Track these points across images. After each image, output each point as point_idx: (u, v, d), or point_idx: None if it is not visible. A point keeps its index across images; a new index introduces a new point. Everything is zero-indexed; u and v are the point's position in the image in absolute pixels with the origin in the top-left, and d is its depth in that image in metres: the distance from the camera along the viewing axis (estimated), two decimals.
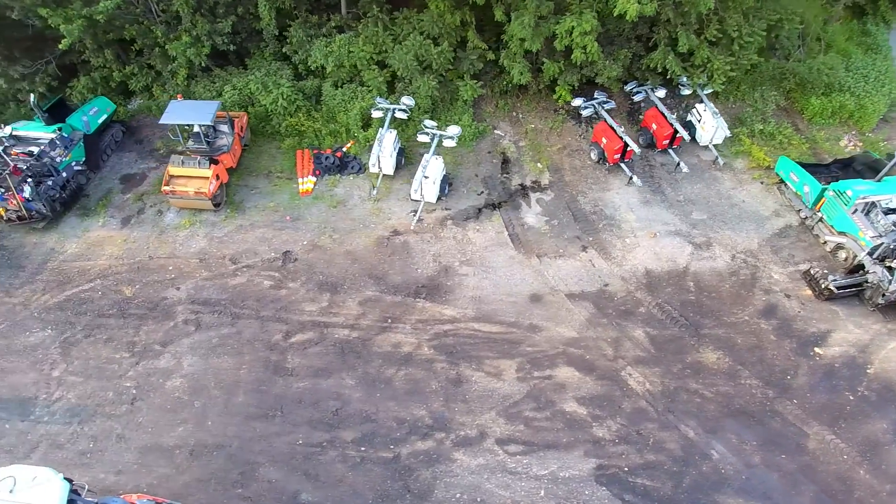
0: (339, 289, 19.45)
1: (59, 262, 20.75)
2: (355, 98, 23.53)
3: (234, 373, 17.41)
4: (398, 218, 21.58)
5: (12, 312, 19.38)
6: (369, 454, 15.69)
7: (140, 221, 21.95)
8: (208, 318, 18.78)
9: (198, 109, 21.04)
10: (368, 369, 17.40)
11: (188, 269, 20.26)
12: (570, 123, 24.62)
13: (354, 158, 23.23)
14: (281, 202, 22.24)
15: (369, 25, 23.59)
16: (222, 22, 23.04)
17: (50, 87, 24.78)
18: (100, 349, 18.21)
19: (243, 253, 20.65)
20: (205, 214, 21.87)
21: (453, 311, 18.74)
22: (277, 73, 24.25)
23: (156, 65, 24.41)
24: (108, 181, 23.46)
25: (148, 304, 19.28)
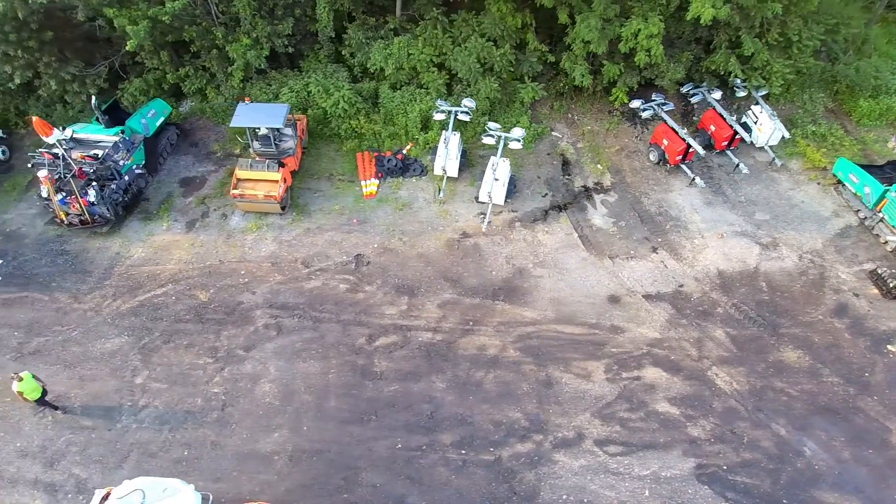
0: (416, 292, 19.42)
1: (126, 267, 20.50)
2: (414, 100, 23.51)
3: (323, 377, 17.32)
4: (465, 220, 21.60)
5: (84, 318, 19.12)
6: (470, 457, 15.71)
7: (205, 225, 21.74)
8: (289, 323, 18.66)
9: (268, 112, 20.89)
10: (457, 372, 17.41)
11: (261, 273, 20.11)
12: (626, 125, 24.80)
13: (415, 161, 23.21)
14: (346, 205, 22.16)
15: (428, 28, 23.58)
16: (282, 24, 22.88)
17: (101, 89, 24.44)
18: (181, 355, 18.02)
19: (315, 256, 20.54)
20: (271, 218, 21.72)
21: (534, 314, 18.80)
22: (334, 76, 24.14)
23: (211, 67, 24.16)
24: (167, 185, 23.21)
25: (225, 308, 19.11)
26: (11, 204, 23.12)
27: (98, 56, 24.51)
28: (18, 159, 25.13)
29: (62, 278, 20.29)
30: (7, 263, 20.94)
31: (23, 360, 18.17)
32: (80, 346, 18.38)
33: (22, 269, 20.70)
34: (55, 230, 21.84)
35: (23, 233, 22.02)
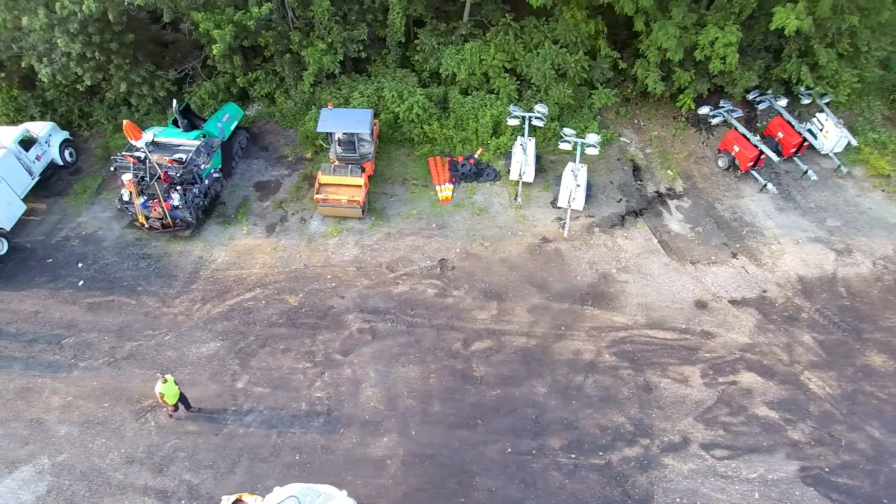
0: (504, 297, 19.62)
1: (211, 271, 20.55)
2: (485, 105, 23.67)
3: (424, 381, 17.48)
4: (543, 225, 21.82)
5: (175, 323, 19.17)
6: (581, 461, 15.93)
7: (285, 229, 21.82)
8: (382, 327, 18.79)
9: (353, 117, 21.01)
10: (556, 377, 17.62)
11: (347, 277, 20.23)
12: (691, 130, 25.11)
13: (488, 166, 23.39)
14: (423, 209, 22.31)
15: (500, 34, 23.76)
16: (357, 29, 22.99)
17: (169, 92, 24.47)
18: (279, 359, 18.12)
19: (399, 261, 20.68)
20: (351, 222, 21.84)
21: (624, 318, 19.05)
22: (404, 80, 24.28)
23: (282, 71, 24.22)
24: (242, 188, 23.26)
25: (316, 313, 19.22)
26: (84, 207, 23.09)
27: (167, 59, 24.52)
28: (84, 161, 25.13)
29: (147, 282, 20.31)
30: (88, 267, 20.94)
31: (117, 364, 18.22)
32: (174, 351, 18.42)
33: (105, 273, 20.70)
34: (134, 233, 21.85)
35: (100, 236, 22.01)
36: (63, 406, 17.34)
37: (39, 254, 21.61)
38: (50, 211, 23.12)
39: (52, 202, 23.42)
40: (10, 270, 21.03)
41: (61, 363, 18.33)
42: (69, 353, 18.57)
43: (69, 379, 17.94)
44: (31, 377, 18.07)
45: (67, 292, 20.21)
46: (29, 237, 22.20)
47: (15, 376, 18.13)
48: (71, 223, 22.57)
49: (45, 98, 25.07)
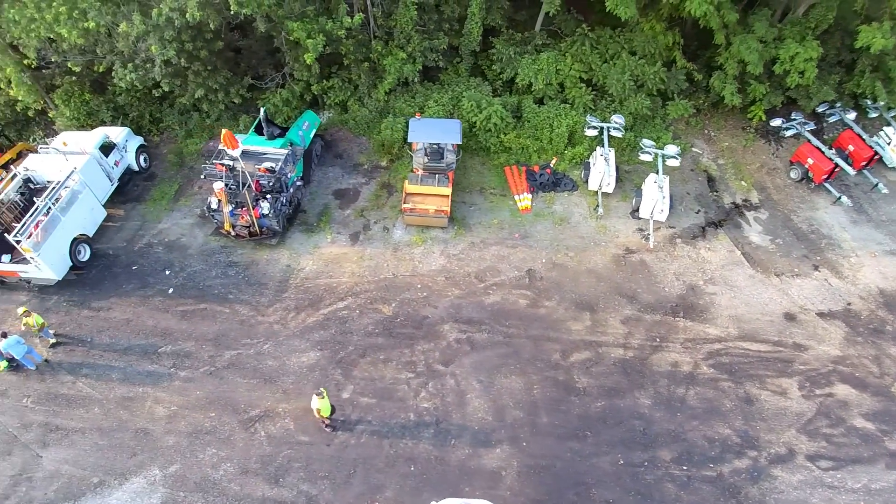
0: (595, 308, 19.83)
1: (301, 280, 20.64)
2: (560, 115, 23.84)
3: (528, 393, 17.67)
4: (625, 236, 22.04)
5: (272, 332, 19.26)
6: (693, 473, 16.17)
7: (369, 238, 21.93)
8: (479, 338, 18.96)
9: (442, 128, 21.13)
10: (658, 388, 17.86)
11: (436, 287, 20.37)
12: (760, 142, 25.40)
13: (565, 175, 23.58)
14: (503, 219, 22.48)
15: (576, 44, 23.93)
16: (438, 39, 23.09)
17: (243, 98, 24.50)
18: (381, 369, 18.25)
19: (486, 271, 20.84)
20: (434, 231, 21.97)
21: (717, 331, 19.30)
22: (478, 89, 24.41)
23: (357, 79, 24.28)
24: (322, 196, 23.35)
25: (411, 322, 19.35)
26: (164, 213, 23.10)
27: (241, 65, 24.53)
28: (157, 167, 25.13)
29: (238, 290, 20.37)
30: (175, 275, 20.97)
31: (218, 374, 18.29)
32: (275, 360, 18.51)
33: (193, 281, 20.74)
34: (218, 241, 21.90)
35: (184, 243, 22.03)
36: (168, 416, 17.40)
37: (123, 260, 21.61)
38: (128, 217, 23.11)
39: (130, 208, 23.41)
40: (96, 277, 21.04)
41: (161, 372, 18.37)
42: (167, 361, 18.62)
43: (171, 388, 17.99)
44: (131, 386, 18.12)
45: (158, 300, 20.23)
46: (110, 243, 22.19)
47: (114, 385, 18.17)
48: (152, 230, 22.57)
49: (116, 103, 25.01)
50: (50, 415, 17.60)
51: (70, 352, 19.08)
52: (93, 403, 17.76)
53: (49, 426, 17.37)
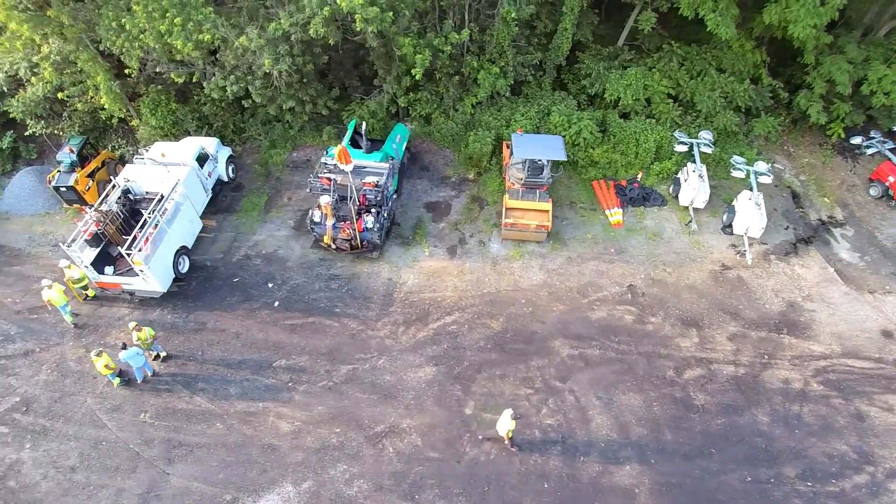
0: (701, 324, 20.09)
1: (405, 294, 20.74)
2: (647, 130, 24.09)
3: (648, 409, 17.89)
4: (719, 251, 22.33)
5: (384, 346, 19.35)
6: (818, 489, 16.47)
7: (466, 252, 22.08)
8: (591, 354, 19.17)
9: (546, 144, 21.28)
10: (773, 405, 18.15)
11: (540, 302, 20.55)
12: (838, 159, 25.81)
13: (653, 190, 23.83)
14: (597, 234, 22.70)
15: (663, 60, 24.20)
16: (530, 54, 23.27)
17: (330, 110, 24.56)
18: (499, 385, 18.41)
19: (587, 286, 21.05)
20: (531, 246, 22.15)
21: (821, 348, 19.63)
22: (562, 103, 24.61)
23: (444, 92, 24.40)
24: (413, 209, 23.45)
25: (521, 338, 19.53)
26: (257, 225, 23.12)
27: (329, 77, 24.58)
28: (243, 177, 25.13)
29: (344, 304, 20.44)
30: (279, 287, 21.00)
31: (337, 389, 18.37)
32: (392, 375, 18.61)
33: (298, 294, 20.79)
34: (316, 253, 21.96)
35: (282, 255, 22.07)
36: (293, 431, 17.45)
37: (222, 272, 21.60)
38: (221, 228, 23.09)
39: (222, 219, 23.39)
40: (197, 290, 21.03)
41: (279, 387, 18.41)
42: (284, 376, 18.66)
43: (292, 403, 18.03)
44: (251, 401, 18.14)
45: (265, 313, 20.26)
46: (206, 255, 22.18)
47: (233, 400, 18.18)
48: (247, 241, 22.58)
49: (201, 112, 24.96)
50: (171, 430, 17.58)
51: (182, 365, 19.06)
52: (214, 418, 17.76)
53: (172, 442, 17.35)
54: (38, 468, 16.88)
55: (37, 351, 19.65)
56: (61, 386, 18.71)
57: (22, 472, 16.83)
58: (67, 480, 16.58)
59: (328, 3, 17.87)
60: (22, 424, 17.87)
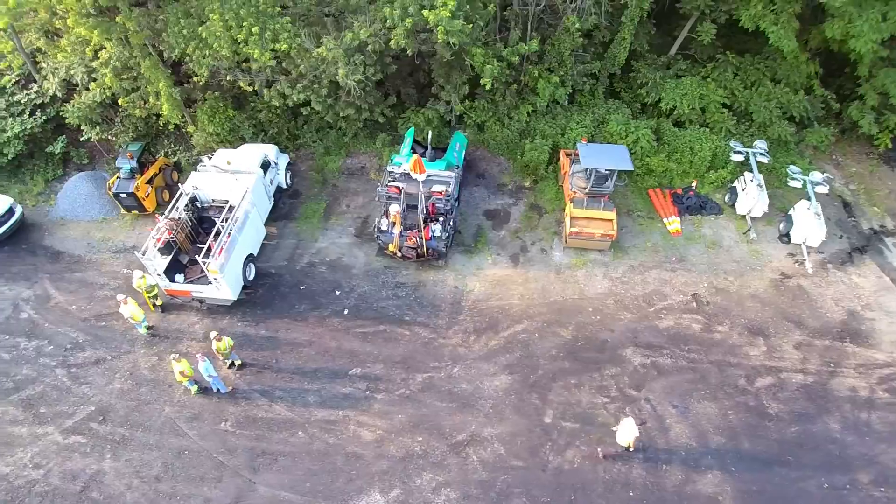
0: (766, 333, 20.39)
1: (472, 302, 20.92)
2: (702, 139, 24.37)
3: (724, 418, 18.17)
4: (777, 260, 22.65)
5: (457, 355, 19.53)
6: (892, 495, 16.80)
7: (528, 260, 22.28)
8: (663, 362, 19.42)
9: (612, 154, 21.46)
10: (843, 413, 18.46)
11: (608, 310, 20.79)
12: (884, 168, 26.23)
13: (709, 199, 24.13)
14: (656, 242, 22.96)
15: (718, 69, 24.50)
16: (591, 63, 23.49)
17: (387, 117, 24.68)
18: (575, 394, 18.63)
19: (652, 294, 21.31)
20: (593, 254, 22.38)
21: (883, 356, 19.97)
22: (617, 112, 24.86)
23: (501, 100, 24.57)
24: (473, 217, 23.62)
25: (593, 346, 19.75)
26: (318, 232, 23.22)
27: (387, 84, 24.68)
28: (299, 184, 25.21)
29: (413, 312, 20.59)
30: (346, 295, 21.12)
31: (415, 397, 18.51)
32: (468, 384, 18.79)
33: (366, 302, 20.91)
34: (380, 261, 22.09)
35: (347, 263, 22.18)
36: (376, 440, 17.59)
37: (288, 280, 21.69)
38: (282, 235, 23.17)
39: (282, 226, 23.47)
40: (265, 297, 21.11)
41: (357, 395, 18.54)
42: (361, 384, 18.80)
43: (372, 412, 18.17)
44: (330, 410, 18.27)
45: (335, 321, 20.38)
46: (270, 262, 22.25)
47: (312, 409, 18.30)
48: (310, 249, 22.67)
49: (258, 119, 25.00)
50: (253, 439, 17.67)
51: (258, 374, 19.15)
52: (295, 427, 17.86)
53: (255, 451, 17.44)
54: (121, 478, 16.92)
55: (108, 359, 19.66)
56: (137, 395, 18.73)
57: (105, 482, 16.87)
58: (153, 491, 16.64)
59: (410, 15, 17.97)
60: (100, 434, 17.90)
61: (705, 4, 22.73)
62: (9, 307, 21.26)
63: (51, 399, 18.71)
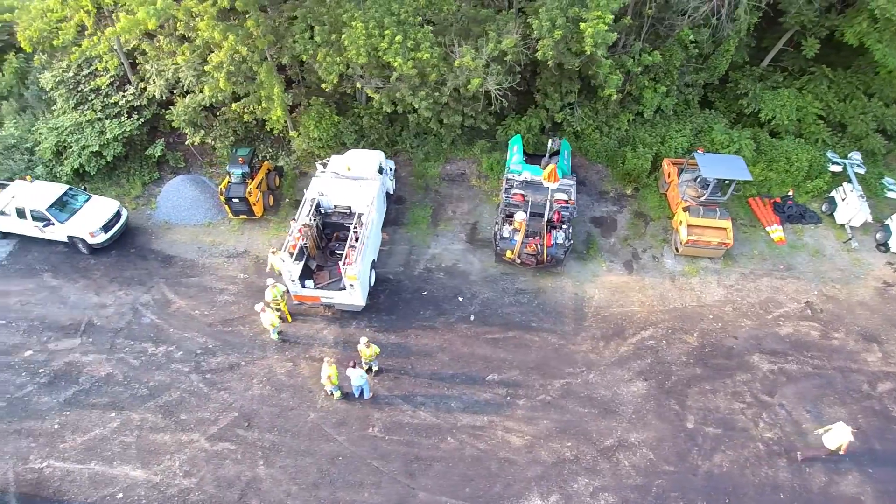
0: (880, 339, 20.99)
1: (594, 309, 21.26)
2: (798, 150, 24.97)
3: (854, 422, 18.62)
4: (878, 268, 23.31)
5: (590, 361, 19.85)
6: None
7: (642, 267, 22.67)
8: (790, 368, 19.93)
9: (729, 164, 21.90)
10: None
11: (727, 317, 21.26)
12: None
13: (807, 208, 24.74)
14: (762, 250, 23.50)
15: (814, 82, 25.14)
16: (697, 75, 23.96)
17: (489, 125, 24.94)
18: (711, 399, 19.04)
19: (767, 302, 21.82)
20: (703, 261, 22.84)
21: None
22: (714, 121, 25.38)
23: (603, 109, 24.95)
24: (580, 224, 23.95)
25: (720, 353, 20.20)
26: (430, 238, 23.39)
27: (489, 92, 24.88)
28: (400, 189, 25.32)
29: (538, 318, 20.86)
30: (469, 301, 21.32)
31: (555, 403, 18.79)
32: (606, 390, 19.11)
33: (490, 308, 21.14)
34: (496, 267, 22.34)
35: (463, 269, 22.39)
36: (526, 445, 17.83)
37: (408, 285, 21.84)
38: (394, 241, 23.31)
39: (392, 232, 23.61)
40: (388, 303, 21.27)
41: (498, 401, 18.77)
42: (500, 390, 19.02)
43: (516, 417, 18.41)
44: (475, 415, 18.45)
45: (463, 327, 20.57)
46: (387, 267, 22.39)
47: (457, 414, 18.48)
48: (423, 254, 22.83)
49: (360, 124, 25.09)
50: (403, 445, 17.81)
51: (395, 379, 19.28)
52: (443, 433, 18.04)
53: (408, 456, 17.58)
54: (278, 485, 16.95)
55: (242, 364, 19.65)
56: (278, 400, 18.76)
57: (262, 489, 16.88)
58: (314, 498, 16.70)
59: (558, 27, 18.24)
60: (248, 440, 17.89)
61: (809, 20, 23.28)
62: (129, 312, 21.12)
63: (190, 405, 18.65)
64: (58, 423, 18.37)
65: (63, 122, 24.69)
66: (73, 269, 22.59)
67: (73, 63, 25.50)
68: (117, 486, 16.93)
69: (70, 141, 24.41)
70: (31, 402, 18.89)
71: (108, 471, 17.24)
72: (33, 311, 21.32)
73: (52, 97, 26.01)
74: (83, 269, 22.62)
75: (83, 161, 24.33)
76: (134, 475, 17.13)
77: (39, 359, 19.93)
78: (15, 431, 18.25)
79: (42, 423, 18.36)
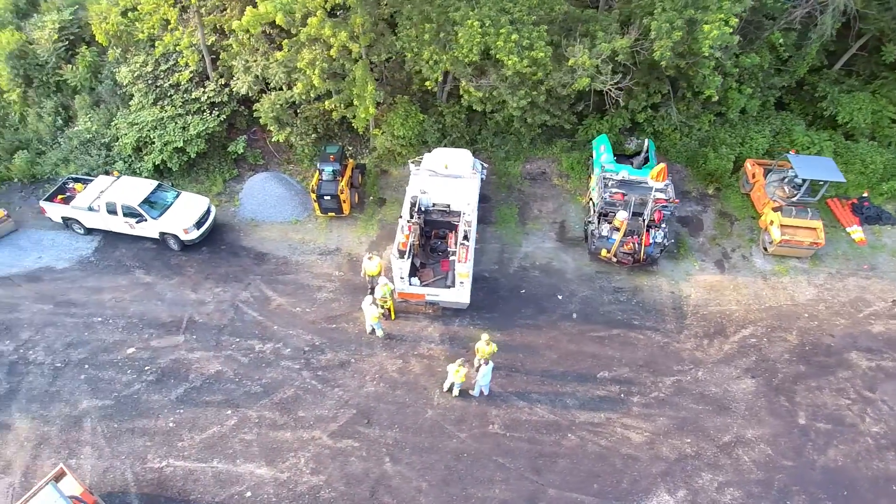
0: None
1: (693, 307, 21.53)
2: (873, 152, 25.46)
3: None
4: None
5: (696, 359, 20.13)
6: None
7: (733, 266, 22.99)
8: (887, 365, 20.33)
9: (822, 165, 22.31)
10: None
11: (821, 316, 21.64)
12: None
13: (882, 209, 25.23)
14: (844, 251, 23.92)
15: (887, 86, 25.66)
16: (782, 76, 24.33)
17: (572, 125, 25.13)
18: (818, 396, 19.38)
19: (857, 301, 22.24)
20: (791, 261, 23.22)
21: None
22: (791, 123, 25.79)
23: (685, 109, 25.23)
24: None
25: (820, 351, 20.56)
26: (520, 236, 23.52)
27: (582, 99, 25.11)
28: (484, 188, 25.36)
29: (639, 317, 21.08)
30: (569, 300, 21.49)
31: (669, 401, 19.00)
32: (716, 387, 19.37)
33: (590, 306, 21.33)
34: (590, 265, 22.53)
35: (557, 267, 22.56)
36: (646, 442, 18.02)
37: (504, 284, 21.95)
38: (484, 239, 23.41)
39: (480, 230, 23.67)
40: (487, 301, 21.44)
41: (613, 398, 18.96)
42: (613, 387, 19.20)
43: (633, 414, 18.60)
44: (592, 412, 18.60)
45: (566, 325, 20.74)
46: (480, 266, 22.48)
47: (573, 412, 18.61)
48: (516, 253, 22.96)
49: (443, 123, 25.14)
50: (526, 441, 17.92)
51: (507, 377, 19.38)
52: (563, 430, 18.17)
53: (531, 453, 17.69)
54: (407, 482, 16.97)
55: (352, 362, 19.63)
56: (394, 397, 18.77)
57: (392, 486, 16.90)
58: (445, 494, 16.75)
59: (676, 28, 18.46)
60: (371, 437, 17.89)
61: (888, 26, 23.75)
62: (230, 309, 20.99)
63: (306, 403, 18.60)
64: (172, 421, 18.21)
65: (144, 118, 24.42)
66: (165, 266, 22.39)
67: (152, 58, 25.21)
68: (244, 484, 16.83)
69: (152, 136, 24.15)
70: (140, 400, 18.71)
71: (232, 469, 17.13)
72: (129, 307, 21.11)
73: (128, 92, 25.70)
74: (175, 265, 22.43)
75: (165, 157, 24.10)
76: (259, 473, 17.03)
77: (144, 356, 19.74)
78: (128, 430, 18.06)
79: (156, 422, 18.19)
